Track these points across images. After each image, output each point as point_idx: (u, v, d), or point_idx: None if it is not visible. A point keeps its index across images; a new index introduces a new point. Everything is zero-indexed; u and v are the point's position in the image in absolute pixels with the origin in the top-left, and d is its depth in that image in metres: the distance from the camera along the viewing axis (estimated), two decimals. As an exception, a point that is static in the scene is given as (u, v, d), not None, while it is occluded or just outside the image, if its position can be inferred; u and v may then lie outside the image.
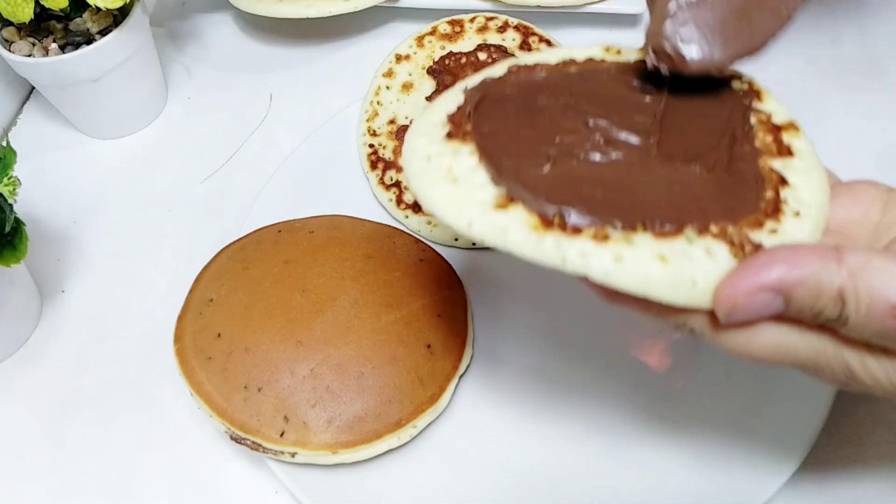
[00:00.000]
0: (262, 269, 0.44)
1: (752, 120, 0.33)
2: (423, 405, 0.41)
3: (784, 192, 0.29)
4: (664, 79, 0.32)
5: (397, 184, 0.52)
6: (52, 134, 0.61)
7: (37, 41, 0.53)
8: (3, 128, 0.61)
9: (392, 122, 0.54)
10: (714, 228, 0.28)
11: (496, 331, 0.46)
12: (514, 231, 0.27)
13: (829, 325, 0.27)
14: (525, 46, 0.56)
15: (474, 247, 0.50)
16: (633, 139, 0.31)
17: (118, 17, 0.54)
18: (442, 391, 0.41)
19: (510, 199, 0.28)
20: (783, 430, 0.39)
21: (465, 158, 0.30)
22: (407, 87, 0.55)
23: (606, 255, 0.26)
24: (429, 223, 0.50)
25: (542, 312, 0.46)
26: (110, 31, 0.53)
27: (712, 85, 0.33)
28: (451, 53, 0.56)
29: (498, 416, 0.43)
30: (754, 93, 0.34)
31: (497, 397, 0.44)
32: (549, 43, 0.56)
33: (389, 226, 0.49)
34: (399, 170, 0.52)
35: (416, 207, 0.51)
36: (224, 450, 0.44)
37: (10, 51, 0.52)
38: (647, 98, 0.33)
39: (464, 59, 0.55)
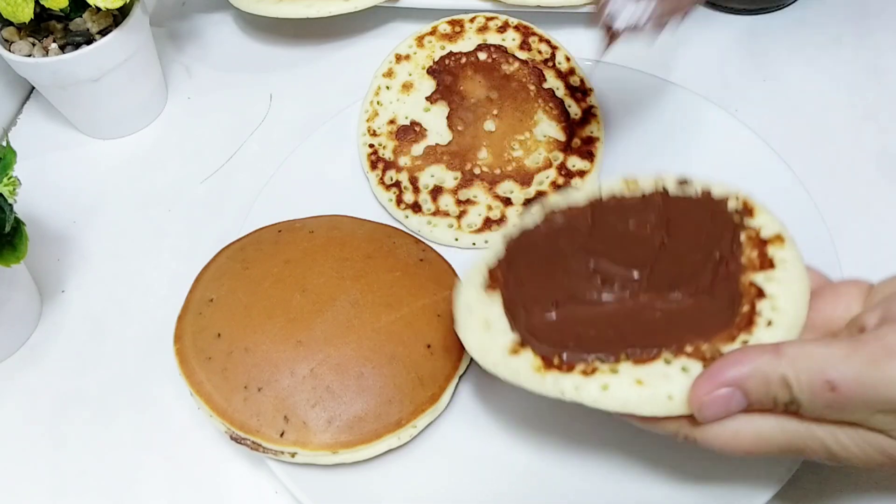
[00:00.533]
0: (262, 269, 0.44)
1: (742, 237, 0.37)
2: (423, 405, 0.41)
3: (760, 304, 0.34)
4: (663, 208, 0.39)
5: (397, 184, 0.52)
6: (52, 134, 0.61)
7: (37, 41, 0.53)
8: (3, 128, 0.61)
9: (392, 122, 0.54)
10: (689, 348, 0.33)
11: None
12: (524, 373, 0.34)
13: (790, 409, 0.31)
14: (525, 46, 0.56)
15: (474, 246, 0.50)
16: (631, 273, 0.36)
17: (118, 17, 0.54)
18: (442, 391, 0.41)
19: (521, 344, 0.35)
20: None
21: (496, 308, 0.38)
22: (407, 87, 0.55)
23: (594, 385, 0.33)
24: (429, 223, 0.51)
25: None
26: (110, 31, 0.53)
27: (709, 206, 0.38)
28: (451, 53, 0.56)
29: (498, 416, 0.43)
30: (747, 210, 0.38)
31: (497, 397, 0.44)
32: (549, 43, 0.56)
33: (389, 226, 0.49)
34: (399, 169, 0.52)
35: (415, 207, 0.51)
36: (224, 450, 0.44)
37: (10, 51, 0.52)
38: (649, 229, 0.38)
39: (464, 59, 0.55)
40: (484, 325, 0.37)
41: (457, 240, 0.50)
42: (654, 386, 0.32)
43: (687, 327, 0.34)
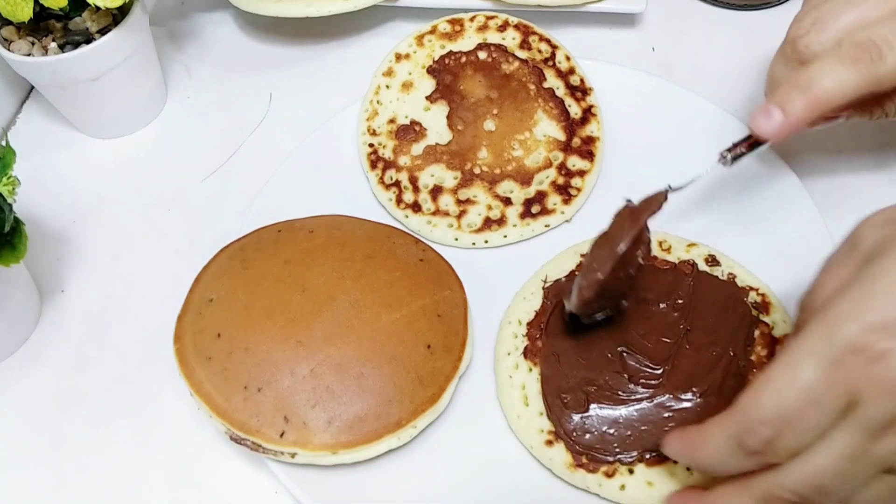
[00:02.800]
0: (262, 269, 0.44)
1: (756, 333, 0.42)
2: (423, 405, 0.41)
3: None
4: (692, 288, 0.44)
5: (397, 183, 0.52)
6: (52, 134, 0.60)
7: (36, 40, 0.53)
8: (3, 127, 0.61)
9: (392, 121, 0.54)
10: None
11: (496, 331, 0.46)
12: (557, 465, 0.40)
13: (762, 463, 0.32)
14: (525, 46, 0.56)
15: (474, 246, 0.50)
16: (656, 371, 0.41)
17: (118, 16, 0.54)
18: (442, 391, 0.41)
19: (556, 436, 0.40)
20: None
21: (535, 383, 0.42)
22: (407, 86, 0.55)
23: (615, 485, 0.39)
24: (429, 223, 0.50)
25: (543, 312, 0.47)
26: (110, 30, 0.53)
27: (731, 294, 0.44)
28: (450, 52, 0.55)
29: (498, 416, 0.43)
30: (764, 305, 0.43)
31: (497, 397, 0.44)
32: (549, 42, 0.56)
33: (389, 226, 0.49)
34: (398, 169, 0.52)
35: (415, 207, 0.51)
36: (224, 450, 0.44)
37: (9, 50, 0.52)
38: (676, 315, 0.43)
39: (464, 58, 0.55)
40: (523, 398, 0.42)
41: (457, 240, 0.50)
42: (660, 487, 0.39)
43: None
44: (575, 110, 0.53)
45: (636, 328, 0.43)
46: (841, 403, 0.29)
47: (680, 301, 0.43)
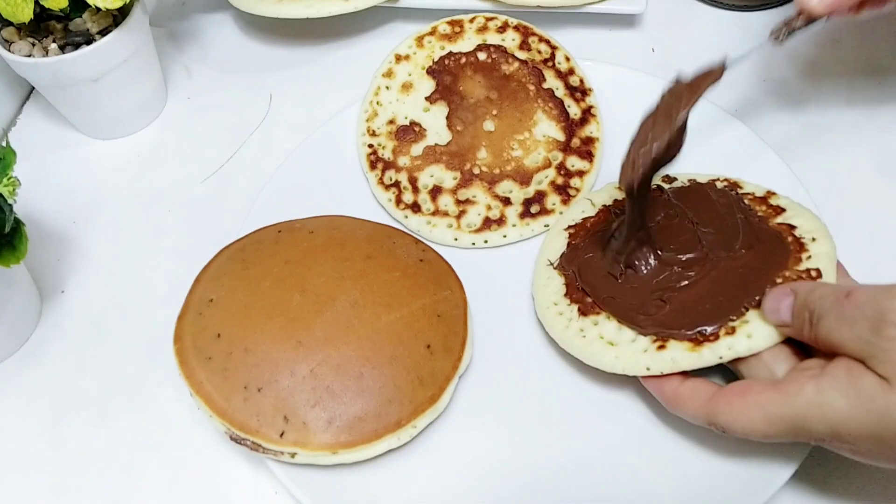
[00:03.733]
0: (262, 270, 0.44)
1: (746, 201, 0.45)
2: (423, 405, 0.41)
3: (797, 232, 0.42)
4: (674, 200, 0.46)
5: (396, 184, 0.52)
6: (52, 134, 0.60)
7: (37, 41, 0.53)
8: (3, 128, 0.61)
9: (392, 122, 0.54)
10: (779, 280, 0.40)
11: (496, 331, 0.46)
12: (681, 357, 0.39)
13: (811, 328, 0.36)
14: (525, 46, 0.56)
15: (474, 246, 0.50)
16: (699, 252, 0.43)
17: (118, 17, 0.54)
18: (442, 391, 0.41)
19: (663, 339, 0.40)
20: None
21: (607, 323, 0.43)
22: (406, 87, 0.55)
23: (742, 338, 0.39)
24: (428, 223, 0.51)
25: (542, 312, 0.47)
26: (110, 31, 0.53)
27: (704, 189, 0.46)
28: (450, 53, 0.56)
29: (498, 416, 0.43)
30: (733, 184, 0.47)
31: (497, 397, 0.44)
32: (548, 43, 0.56)
33: (389, 226, 0.49)
34: (398, 169, 0.52)
35: (415, 207, 0.51)
36: (224, 450, 0.44)
37: (10, 51, 0.52)
38: (678, 219, 0.45)
39: (463, 59, 0.55)
40: (607, 343, 0.42)
41: (456, 240, 0.50)
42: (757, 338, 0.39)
43: (768, 270, 0.40)
44: (574, 111, 0.54)
45: (659, 239, 0.44)
46: None
47: (672, 211, 0.45)
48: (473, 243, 0.50)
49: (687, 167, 0.47)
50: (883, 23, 0.61)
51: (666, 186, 0.48)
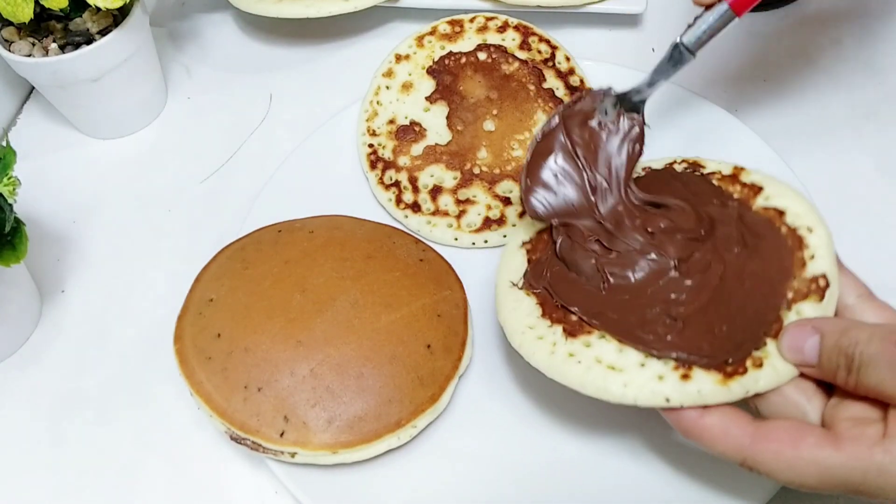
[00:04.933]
0: (262, 269, 0.44)
1: (714, 181, 0.41)
2: (423, 405, 0.41)
3: (786, 219, 0.38)
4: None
5: (396, 183, 0.52)
6: (52, 134, 0.61)
7: (37, 41, 0.53)
8: (3, 128, 0.61)
9: (392, 121, 0.54)
10: (790, 294, 0.36)
11: (496, 331, 0.46)
12: (708, 390, 0.34)
13: (849, 379, 0.33)
14: (525, 46, 0.56)
15: (474, 246, 0.50)
16: (685, 254, 0.38)
17: (118, 17, 0.54)
18: (442, 391, 0.41)
19: (686, 366, 0.35)
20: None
21: (604, 344, 0.37)
22: (407, 86, 0.55)
23: (769, 371, 0.34)
24: (428, 223, 0.51)
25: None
26: (110, 31, 0.53)
27: (667, 179, 0.42)
28: (450, 53, 0.56)
29: (498, 416, 0.43)
30: (693, 164, 0.43)
31: (497, 397, 0.44)
32: (548, 43, 0.56)
33: (389, 226, 0.49)
34: (398, 169, 0.52)
35: (415, 207, 0.51)
36: (224, 450, 0.44)
37: (10, 51, 0.52)
38: (653, 216, 0.40)
39: (463, 59, 0.55)
40: (608, 368, 0.36)
41: (456, 239, 0.50)
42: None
43: (775, 282, 0.36)
44: (575, 111, 0.53)
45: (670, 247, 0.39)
46: None
47: (648, 196, 0.42)
48: (473, 243, 0.50)
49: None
50: (883, 23, 0.61)
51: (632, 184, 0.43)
